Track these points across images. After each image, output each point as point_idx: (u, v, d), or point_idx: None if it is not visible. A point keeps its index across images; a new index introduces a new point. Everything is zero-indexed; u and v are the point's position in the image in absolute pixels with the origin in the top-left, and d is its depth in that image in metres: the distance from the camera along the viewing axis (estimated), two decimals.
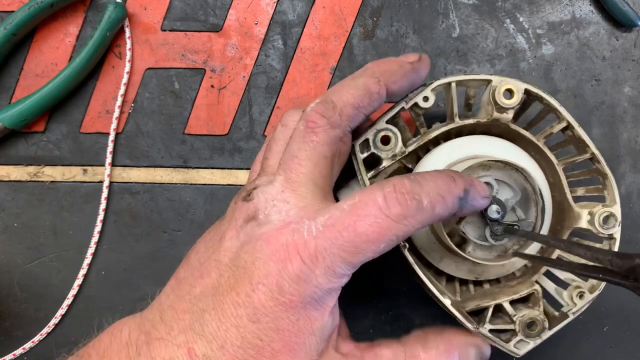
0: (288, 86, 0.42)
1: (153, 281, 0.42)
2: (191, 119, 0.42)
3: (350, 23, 0.42)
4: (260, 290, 0.26)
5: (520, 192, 0.34)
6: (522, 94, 0.34)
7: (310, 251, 0.26)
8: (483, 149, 0.35)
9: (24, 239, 0.42)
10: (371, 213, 0.26)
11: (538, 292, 0.34)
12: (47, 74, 0.42)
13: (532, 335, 0.33)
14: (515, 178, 0.34)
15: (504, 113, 0.35)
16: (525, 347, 0.33)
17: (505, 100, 0.34)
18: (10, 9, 0.41)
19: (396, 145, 0.34)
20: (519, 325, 0.33)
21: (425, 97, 0.34)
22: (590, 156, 0.35)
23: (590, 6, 0.43)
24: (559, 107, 0.35)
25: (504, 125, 0.35)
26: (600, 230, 0.34)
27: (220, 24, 0.42)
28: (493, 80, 0.34)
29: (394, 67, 0.32)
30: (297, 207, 0.28)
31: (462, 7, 0.42)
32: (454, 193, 0.28)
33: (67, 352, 0.34)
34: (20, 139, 0.42)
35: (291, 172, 0.28)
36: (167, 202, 0.42)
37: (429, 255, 0.36)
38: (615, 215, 0.34)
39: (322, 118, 0.29)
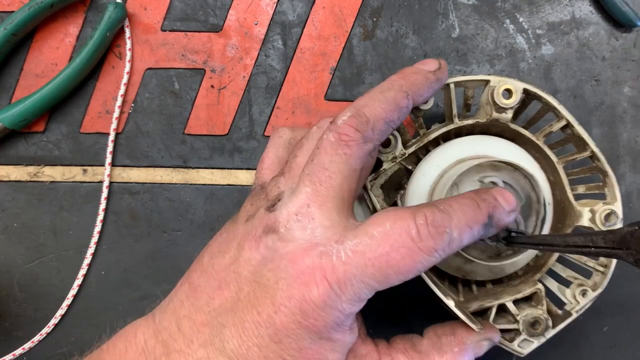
0: (288, 86, 0.42)
1: (153, 281, 0.42)
2: (191, 119, 0.42)
3: (350, 23, 0.42)
4: (283, 312, 0.26)
5: (525, 198, 0.34)
6: (520, 93, 0.34)
7: (338, 277, 0.25)
8: (490, 150, 0.35)
9: (24, 239, 0.42)
10: (404, 245, 0.25)
11: (541, 290, 0.34)
12: (47, 74, 0.42)
13: (536, 335, 0.33)
14: (523, 184, 0.34)
15: (503, 113, 0.35)
16: (529, 347, 0.33)
17: (504, 100, 0.34)
18: (10, 9, 0.41)
19: (396, 148, 0.34)
20: (523, 325, 0.33)
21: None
22: (590, 154, 0.35)
23: (590, 6, 0.43)
24: (557, 105, 0.35)
25: (503, 124, 0.35)
26: (601, 228, 0.34)
27: (220, 24, 0.42)
28: (491, 81, 0.34)
29: (420, 80, 0.31)
30: (322, 226, 0.27)
31: (462, 8, 0.43)
32: (479, 221, 0.28)
33: (66, 352, 0.34)
34: (20, 139, 0.42)
35: (320, 185, 0.27)
36: (167, 202, 0.42)
37: None
38: (616, 212, 0.34)
39: (356, 132, 0.28)
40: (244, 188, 0.42)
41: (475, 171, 0.34)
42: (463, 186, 0.34)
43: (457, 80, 0.35)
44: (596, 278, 0.35)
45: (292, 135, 0.34)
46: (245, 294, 0.27)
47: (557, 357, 0.42)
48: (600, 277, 0.34)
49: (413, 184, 0.35)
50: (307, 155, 0.30)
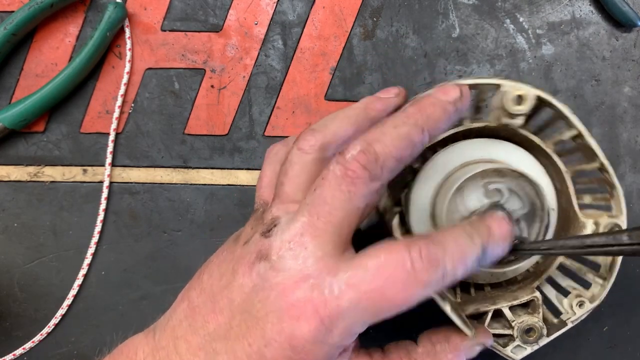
0: (288, 86, 0.42)
1: (153, 281, 0.42)
2: (191, 119, 0.42)
3: (350, 23, 0.42)
4: (273, 346, 0.25)
5: (529, 205, 0.34)
6: (533, 100, 0.34)
7: (330, 312, 0.25)
8: (498, 154, 0.35)
9: (24, 239, 0.42)
10: (398, 278, 0.25)
11: (538, 298, 0.34)
12: (47, 74, 0.42)
13: (530, 342, 0.33)
14: (527, 191, 0.34)
15: (513, 119, 0.34)
16: (522, 353, 0.33)
17: (515, 106, 0.33)
18: (10, 9, 0.41)
19: None
20: (517, 331, 0.33)
21: None
22: (599, 166, 0.35)
23: (590, 6, 0.43)
24: (570, 114, 0.34)
25: (513, 129, 0.35)
26: None
27: (220, 24, 0.42)
28: (503, 85, 0.34)
29: (438, 113, 0.29)
30: (315, 257, 0.26)
31: (462, 7, 0.43)
32: (473, 255, 0.27)
33: (67, 352, 0.34)
34: (20, 139, 0.42)
35: (318, 219, 0.26)
36: (167, 202, 0.42)
37: None
38: (620, 226, 0.34)
39: (364, 170, 0.26)
40: (244, 188, 0.42)
41: (480, 176, 0.34)
42: (467, 191, 0.34)
43: (471, 83, 0.34)
44: (595, 290, 0.35)
45: (286, 150, 0.34)
46: (237, 323, 0.26)
47: (557, 357, 0.42)
48: (599, 289, 0.34)
49: (418, 186, 0.35)
50: (294, 183, 0.29)
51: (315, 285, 0.25)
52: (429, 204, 0.35)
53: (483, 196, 0.34)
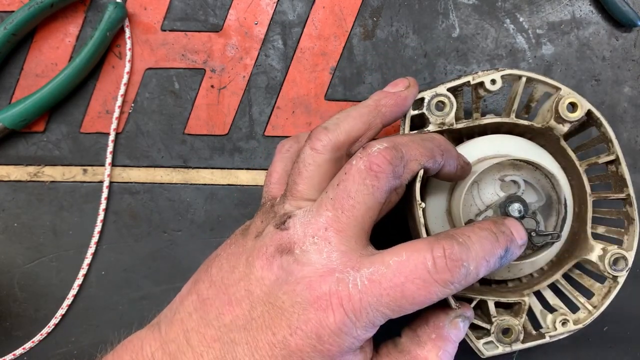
0: (288, 86, 0.42)
1: (153, 281, 0.42)
2: (191, 119, 0.42)
3: (350, 23, 0.42)
4: (299, 335, 0.26)
5: (546, 198, 0.34)
6: (584, 111, 0.34)
7: (354, 305, 0.26)
8: (515, 150, 0.35)
9: (24, 239, 0.42)
10: (419, 276, 0.26)
11: (525, 303, 0.34)
12: (47, 74, 0.42)
13: (504, 342, 0.34)
14: (544, 184, 0.34)
15: (560, 124, 0.35)
16: (492, 350, 0.33)
17: (568, 112, 0.34)
18: (10, 9, 0.41)
19: (448, 115, 0.34)
20: (495, 328, 0.34)
21: (493, 79, 0.34)
22: (625, 197, 0.35)
23: (590, 6, 0.43)
24: (614, 139, 0.35)
25: (553, 138, 0.35)
26: (607, 269, 0.34)
27: (220, 24, 0.42)
28: (562, 90, 0.34)
29: (453, 154, 0.31)
30: (339, 251, 0.26)
31: (462, 7, 0.43)
32: (496, 254, 0.28)
33: (67, 352, 0.34)
34: (20, 139, 0.42)
35: (342, 212, 0.27)
36: (167, 202, 0.42)
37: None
38: (627, 260, 0.34)
39: (389, 165, 0.27)
40: (244, 188, 0.42)
41: (496, 169, 0.34)
42: (483, 184, 0.34)
43: (531, 76, 0.34)
44: (581, 315, 0.35)
45: (298, 147, 0.34)
46: (258, 314, 0.27)
47: (557, 357, 0.42)
48: (586, 315, 0.35)
49: (434, 181, 0.35)
50: (308, 184, 0.29)
51: (341, 279, 0.26)
52: (445, 199, 0.35)
53: (499, 189, 0.34)
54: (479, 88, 0.35)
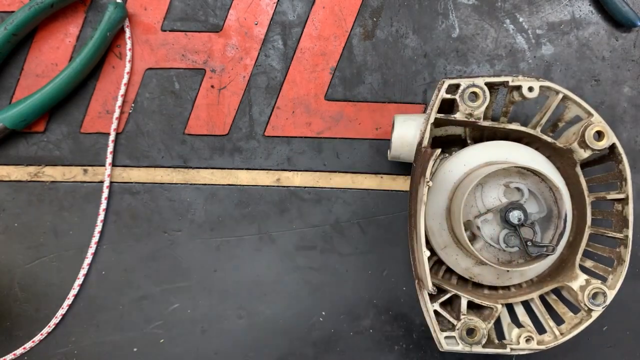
0: (288, 86, 0.42)
1: (153, 281, 0.42)
2: (191, 119, 0.42)
3: (350, 23, 0.42)
4: None
5: (547, 211, 0.34)
6: (609, 143, 0.34)
7: None
8: (531, 163, 0.35)
9: (24, 239, 0.42)
10: None
11: (497, 310, 0.35)
12: (47, 74, 0.42)
13: (465, 341, 0.34)
14: (547, 197, 0.34)
15: (582, 149, 0.35)
16: (451, 346, 0.34)
17: (593, 139, 0.34)
18: (10, 9, 0.41)
19: (479, 107, 0.34)
20: (462, 325, 0.34)
21: (531, 87, 0.34)
22: (622, 237, 0.35)
23: (590, 6, 0.43)
24: (629, 179, 0.35)
25: (570, 162, 0.35)
26: (584, 300, 0.35)
27: (220, 24, 0.42)
28: (594, 117, 0.35)
29: None
30: None
31: (462, 8, 0.43)
32: None
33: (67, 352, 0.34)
34: (21, 139, 0.42)
35: None
36: (167, 202, 0.42)
37: (434, 238, 0.36)
38: (606, 297, 0.35)
39: None
40: (244, 188, 0.42)
41: (503, 175, 0.34)
42: (487, 187, 0.34)
43: (569, 96, 0.34)
44: (547, 337, 0.35)
45: None
46: None
47: (557, 357, 0.42)
48: (551, 339, 0.35)
49: (437, 178, 0.36)
50: None
51: None
52: (447, 197, 0.35)
53: (502, 194, 0.34)
54: (515, 92, 0.35)
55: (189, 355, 0.42)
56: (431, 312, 0.33)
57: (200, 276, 0.42)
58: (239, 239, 0.42)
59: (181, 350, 0.42)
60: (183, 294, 0.42)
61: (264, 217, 0.42)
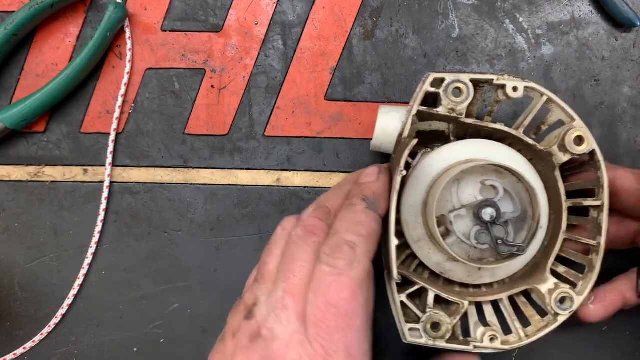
0: (288, 86, 0.42)
1: (153, 281, 0.42)
2: (191, 119, 0.42)
3: (350, 23, 0.42)
4: None
5: (521, 211, 0.34)
6: (589, 149, 0.34)
7: (321, 353, 0.27)
8: (503, 158, 0.35)
9: (24, 239, 0.42)
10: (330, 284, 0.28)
11: (463, 306, 0.35)
12: (47, 74, 0.42)
13: (428, 334, 0.34)
14: (522, 197, 0.34)
15: (561, 152, 0.35)
16: (415, 338, 0.34)
17: (573, 144, 0.34)
18: (10, 9, 0.41)
19: (462, 103, 0.34)
20: (427, 318, 0.34)
21: (515, 87, 0.34)
22: (595, 244, 0.35)
23: (590, 6, 0.43)
24: (606, 186, 0.35)
25: (549, 166, 0.35)
26: (551, 304, 0.34)
27: (220, 24, 0.42)
28: (576, 121, 0.34)
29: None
30: (295, 313, 0.28)
31: (462, 8, 0.43)
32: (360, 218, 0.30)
33: (67, 352, 0.34)
34: (21, 139, 0.42)
35: (294, 276, 0.29)
36: (167, 202, 0.42)
37: (408, 231, 0.36)
38: (573, 302, 0.34)
39: (320, 221, 0.31)
40: (244, 188, 0.42)
41: (480, 172, 0.34)
42: (464, 184, 0.34)
43: (553, 99, 0.34)
44: (512, 338, 0.35)
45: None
46: None
47: (556, 356, 0.42)
48: (516, 340, 0.35)
49: (416, 172, 0.36)
50: (276, 261, 0.31)
51: (301, 340, 0.27)
52: (425, 191, 0.35)
53: (478, 192, 0.34)
54: (500, 90, 0.35)
55: (189, 355, 0.42)
56: (398, 302, 0.33)
57: (200, 276, 0.42)
58: (239, 239, 0.42)
59: (181, 350, 0.42)
60: (183, 294, 0.42)
61: (264, 217, 0.42)
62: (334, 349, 0.27)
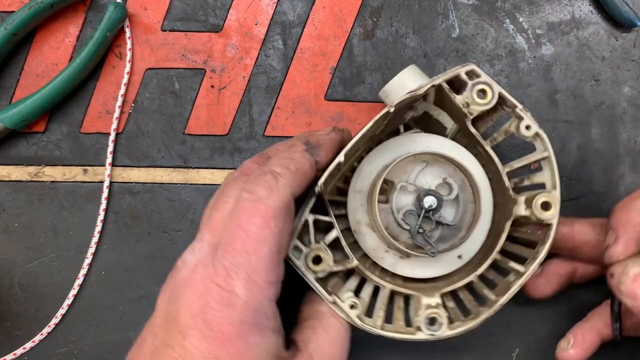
0: (288, 86, 0.42)
1: (153, 281, 0.42)
2: (191, 119, 0.42)
3: (350, 23, 0.42)
4: (191, 335, 0.26)
5: (456, 225, 0.35)
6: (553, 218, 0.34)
7: (222, 274, 0.27)
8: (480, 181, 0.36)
9: (24, 239, 0.42)
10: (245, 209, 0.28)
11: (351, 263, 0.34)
12: (47, 74, 0.42)
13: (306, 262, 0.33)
14: (466, 219, 0.35)
15: (524, 206, 0.35)
16: (293, 256, 0.33)
17: (540, 208, 0.34)
18: (10, 9, 0.41)
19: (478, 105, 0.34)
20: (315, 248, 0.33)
21: (528, 126, 0.34)
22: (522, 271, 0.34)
23: (590, 6, 0.43)
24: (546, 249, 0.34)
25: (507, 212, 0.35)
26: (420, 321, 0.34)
27: (220, 24, 0.42)
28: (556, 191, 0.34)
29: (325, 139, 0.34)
30: (209, 244, 0.28)
31: (462, 7, 0.43)
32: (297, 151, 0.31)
33: (67, 352, 0.34)
34: (21, 139, 0.42)
35: (217, 212, 0.29)
36: (167, 202, 0.42)
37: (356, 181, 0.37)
38: (442, 325, 0.34)
39: (255, 164, 0.31)
40: None
41: (448, 172, 0.36)
42: (429, 170, 0.36)
43: (550, 159, 0.35)
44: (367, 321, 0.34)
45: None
46: (160, 340, 0.27)
47: None
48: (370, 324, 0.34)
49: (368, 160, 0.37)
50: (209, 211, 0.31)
51: (207, 263, 0.27)
52: (367, 189, 0.36)
53: (435, 183, 0.36)
54: (515, 122, 0.35)
55: None
56: (303, 219, 0.33)
57: None
58: None
59: None
60: None
61: None
62: (235, 270, 0.27)
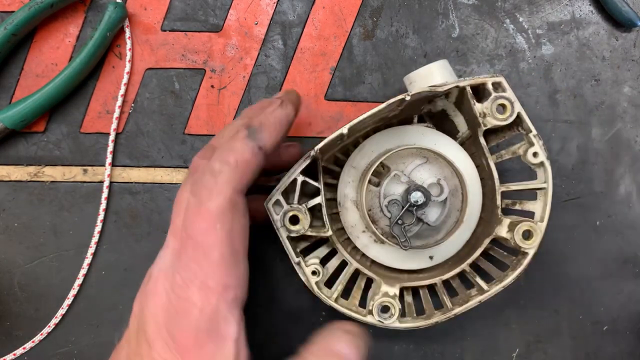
0: (288, 86, 0.42)
1: None
2: (191, 119, 0.42)
3: (350, 23, 0.42)
4: (157, 345, 0.26)
5: (437, 226, 0.36)
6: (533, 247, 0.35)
7: (179, 283, 0.27)
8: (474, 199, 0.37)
9: (24, 239, 0.42)
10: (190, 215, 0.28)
11: (325, 232, 0.35)
12: (47, 74, 0.42)
13: (284, 220, 0.34)
14: (448, 223, 0.36)
15: (506, 229, 0.35)
16: (272, 208, 0.34)
17: (521, 235, 0.35)
18: (10, 9, 0.41)
19: (493, 119, 0.35)
20: (296, 208, 0.34)
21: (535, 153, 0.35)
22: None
23: (590, 6, 0.43)
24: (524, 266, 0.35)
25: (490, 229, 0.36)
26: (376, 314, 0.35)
27: (220, 24, 0.42)
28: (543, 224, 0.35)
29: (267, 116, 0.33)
30: (172, 250, 0.28)
31: (462, 7, 0.43)
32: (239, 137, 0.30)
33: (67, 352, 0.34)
34: (21, 139, 0.42)
35: (176, 216, 0.29)
36: (167, 202, 0.42)
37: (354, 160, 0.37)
38: (394, 313, 0.35)
39: (201, 159, 0.30)
40: None
41: (445, 174, 0.36)
42: (426, 167, 0.36)
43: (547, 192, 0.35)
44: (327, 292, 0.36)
45: None
46: (133, 347, 0.28)
47: (558, 356, 0.42)
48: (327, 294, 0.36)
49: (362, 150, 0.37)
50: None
51: (168, 273, 0.27)
52: (364, 168, 0.37)
53: (428, 182, 0.36)
54: (525, 145, 0.36)
55: None
56: (292, 175, 0.34)
57: None
58: None
59: None
60: None
61: None
62: (191, 279, 0.27)
